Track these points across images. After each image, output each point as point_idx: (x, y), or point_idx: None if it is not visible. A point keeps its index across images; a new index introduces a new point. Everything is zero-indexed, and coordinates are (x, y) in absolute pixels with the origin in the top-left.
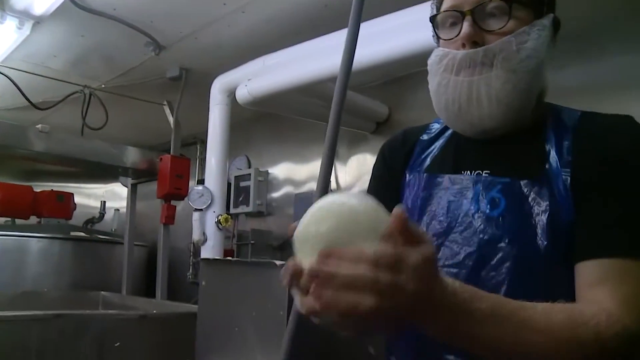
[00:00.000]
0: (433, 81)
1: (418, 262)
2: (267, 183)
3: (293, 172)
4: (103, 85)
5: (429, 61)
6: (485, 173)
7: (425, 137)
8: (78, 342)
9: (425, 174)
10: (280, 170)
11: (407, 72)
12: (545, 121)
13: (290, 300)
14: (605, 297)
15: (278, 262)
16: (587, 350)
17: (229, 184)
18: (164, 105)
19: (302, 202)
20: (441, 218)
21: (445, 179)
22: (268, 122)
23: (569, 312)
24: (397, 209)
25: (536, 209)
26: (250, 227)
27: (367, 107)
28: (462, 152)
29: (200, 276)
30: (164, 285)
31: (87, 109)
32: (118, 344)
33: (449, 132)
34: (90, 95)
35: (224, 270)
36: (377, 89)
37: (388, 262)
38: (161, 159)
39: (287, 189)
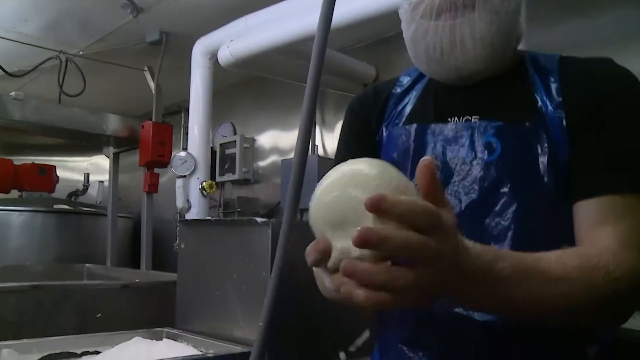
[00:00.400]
0: (408, 29)
1: (452, 225)
2: (253, 150)
3: (279, 139)
4: (81, 52)
5: (401, 10)
6: (474, 118)
7: (397, 89)
8: (57, 314)
9: (415, 125)
10: (266, 138)
11: (394, 32)
12: (524, 66)
13: (273, 260)
14: (607, 236)
15: (259, 220)
16: (600, 291)
17: (214, 152)
18: (145, 71)
19: (289, 168)
20: (437, 168)
21: (437, 128)
22: (253, 88)
23: (579, 257)
24: (424, 160)
25: (534, 151)
26: (236, 196)
27: (354, 68)
28: (444, 99)
29: (179, 239)
30: (149, 255)
31: (64, 76)
32: (99, 315)
33: (424, 81)
34: (67, 61)
35: (204, 232)
36: (364, 49)
37: (434, 224)
38: (143, 125)
39: (273, 157)
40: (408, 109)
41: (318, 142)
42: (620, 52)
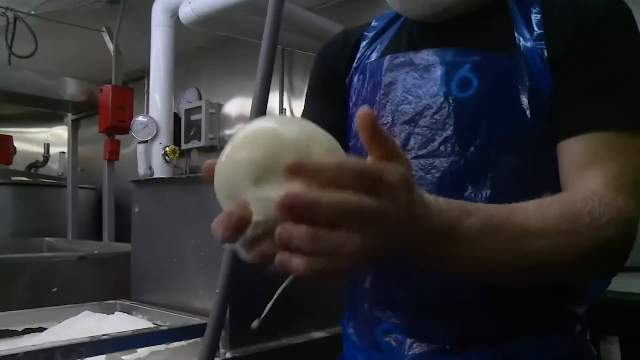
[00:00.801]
0: None
1: (401, 180)
2: (219, 116)
3: (248, 105)
4: (32, 12)
5: None
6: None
7: (370, 32)
8: (10, 289)
9: (384, 57)
10: (233, 105)
11: None
12: (504, 1)
13: None
14: (593, 178)
15: None
16: (585, 242)
17: (178, 119)
18: (103, 32)
19: None
20: (408, 102)
21: (407, 58)
22: (219, 51)
23: (561, 204)
24: (362, 110)
25: (514, 87)
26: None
27: (322, 28)
28: (420, 35)
29: (133, 202)
30: (111, 226)
31: (12, 36)
32: (55, 289)
33: (398, 22)
34: (15, 20)
35: (159, 193)
36: (333, 8)
37: (371, 180)
38: (102, 90)
39: (241, 124)
40: (381, 47)
41: (286, 105)
42: None
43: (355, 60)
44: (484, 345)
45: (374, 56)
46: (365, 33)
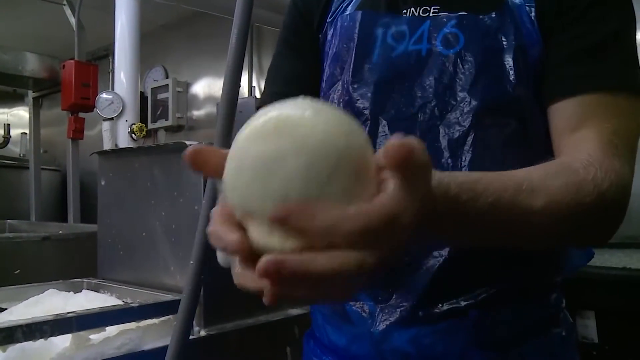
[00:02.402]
0: None
1: (410, 223)
2: (186, 95)
3: (215, 85)
4: None
5: None
6: (434, 9)
7: None
8: None
9: (360, 12)
10: (201, 85)
11: None
12: None
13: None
14: (588, 141)
15: (189, 143)
16: (591, 209)
17: (145, 98)
18: (64, 5)
19: None
20: (386, 63)
21: (388, 19)
22: (186, 30)
23: (565, 175)
24: (394, 140)
25: (501, 45)
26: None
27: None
28: None
29: (98, 175)
30: (77, 207)
31: None
32: (18, 271)
33: None
34: None
35: (126, 164)
36: None
37: (376, 234)
38: (64, 65)
39: (209, 105)
40: (357, 0)
41: (255, 83)
42: None
43: (330, 14)
44: (457, 314)
45: (349, 9)
46: None
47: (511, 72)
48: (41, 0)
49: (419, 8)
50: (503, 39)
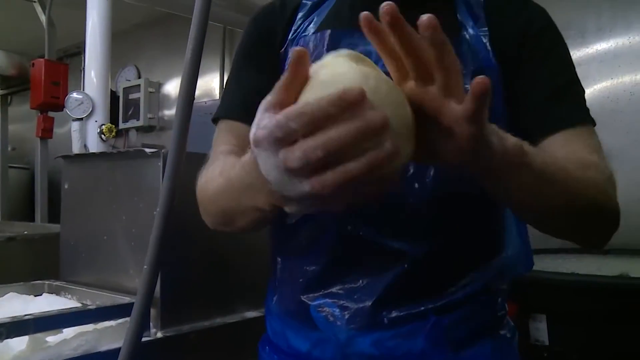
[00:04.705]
0: None
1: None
2: (158, 95)
3: None
4: None
5: None
6: None
7: (308, 1)
8: None
9: (329, 30)
10: (173, 84)
11: None
12: None
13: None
14: (579, 151)
15: (149, 150)
16: (602, 186)
17: (117, 97)
18: (34, 2)
19: (197, 113)
20: None
21: (356, 34)
22: (159, 29)
23: (576, 159)
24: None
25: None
26: (141, 143)
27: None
28: (363, 8)
29: (62, 178)
30: (44, 206)
31: None
32: None
33: None
34: None
35: (89, 168)
36: None
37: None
38: (33, 64)
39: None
40: (320, 18)
41: None
42: None
43: (292, 32)
44: (417, 318)
45: (311, 29)
46: (304, 1)
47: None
48: None
49: None
50: (462, 64)
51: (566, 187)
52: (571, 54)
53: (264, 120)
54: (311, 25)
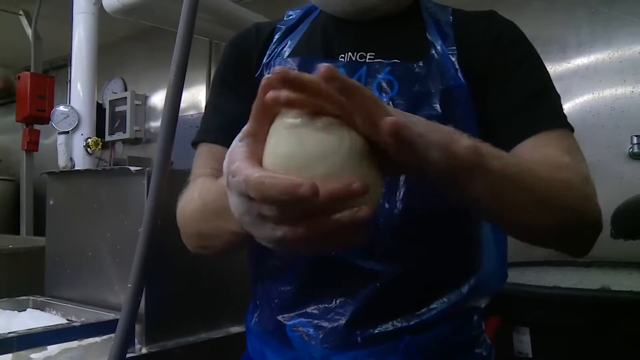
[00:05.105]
0: None
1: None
2: (145, 108)
3: None
4: None
5: None
6: (370, 55)
7: (283, 25)
8: None
9: (298, 58)
10: (160, 97)
11: None
12: (418, 9)
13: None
14: (548, 154)
15: (133, 168)
16: (578, 187)
17: (103, 110)
18: (20, 15)
19: (183, 126)
20: None
21: (324, 62)
22: (145, 42)
23: (549, 162)
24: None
25: (429, 90)
26: (127, 156)
27: (249, 22)
28: (335, 33)
29: (47, 194)
30: (29, 219)
31: None
32: None
33: (314, 14)
34: None
35: (74, 185)
36: (261, 2)
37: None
38: (19, 77)
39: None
40: (294, 42)
41: None
42: (517, 10)
43: (266, 56)
44: (392, 337)
45: (285, 52)
46: (279, 25)
47: (439, 114)
48: None
49: (356, 53)
50: (430, 85)
51: (534, 187)
52: (553, 69)
53: (235, 163)
54: (285, 48)
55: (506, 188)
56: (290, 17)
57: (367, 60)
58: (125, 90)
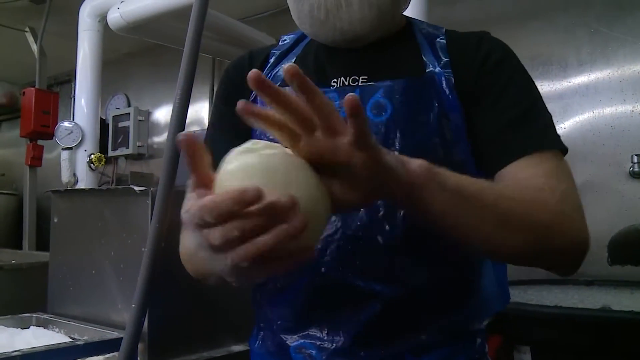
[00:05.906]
0: None
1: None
2: (148, 123)
3: None
4: None
5: None
6: (362, 79)
7: (277, 51)
8: None
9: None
10: (163, 112)
11: None
12: (411, 29)
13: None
14: (536, 176)
15: (137, 189)
16: (552, 207)
17: (106, 125)
18: (26, 32)
19: None
20: None
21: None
22: (148, 58)
23: (521, 186)
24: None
25: (425, 109)
26: (130, 171)
27: (253, 39)
28: (328, 59)
29: (52, 212)
30: (32, 234)
31: None
32: None
33: (308, 39)
34: None
35: (79, 203)
36: (264, 20)
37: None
38: (24, 93)
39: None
40: None
41: None
42: (518, 30)
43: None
44: (394, 359)
45: (281, 77)
46: (273, 51)
47: (437, 136)
48: (2, 26)
49: (348, 77)
50: (426, 104)
51: (495, 205)
52: (553, 87)
53: (189, 201)
54: (280, 72)
55: (462, 205)
56: (285, 42)
57: (360, 84)
58: (129, 106)
